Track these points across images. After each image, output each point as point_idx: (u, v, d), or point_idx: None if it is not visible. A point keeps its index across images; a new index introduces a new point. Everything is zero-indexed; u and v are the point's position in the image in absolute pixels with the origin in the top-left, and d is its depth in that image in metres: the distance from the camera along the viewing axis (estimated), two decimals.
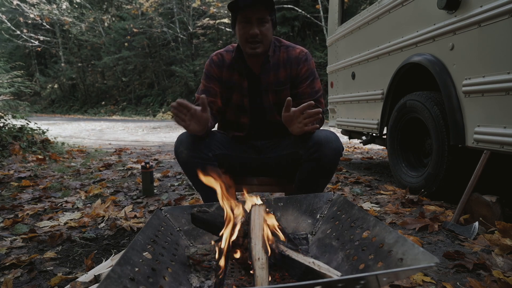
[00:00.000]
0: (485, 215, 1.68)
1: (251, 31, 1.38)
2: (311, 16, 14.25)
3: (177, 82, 18.34)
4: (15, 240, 1.68)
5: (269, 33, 1.43)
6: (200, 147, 1.40)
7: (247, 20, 1.38)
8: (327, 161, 1.33)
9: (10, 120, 4.59)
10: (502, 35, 1.62)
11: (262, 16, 1.38)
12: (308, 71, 1.50)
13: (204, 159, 1.40)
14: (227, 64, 1.53)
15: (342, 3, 3.63)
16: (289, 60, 1.51)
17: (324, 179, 1.42)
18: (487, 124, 1.74)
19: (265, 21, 1.39)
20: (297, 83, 1.51)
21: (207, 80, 1.54)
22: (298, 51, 1.53)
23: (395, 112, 2.56)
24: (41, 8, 19.32)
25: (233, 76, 1.53)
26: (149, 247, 0.91)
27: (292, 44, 1.56)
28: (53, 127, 9.31)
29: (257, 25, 1.38)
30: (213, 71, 1.53)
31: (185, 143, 1.41)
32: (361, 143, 3.89)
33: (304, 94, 1.49)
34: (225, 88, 1.54)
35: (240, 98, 1.54)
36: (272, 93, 1.52)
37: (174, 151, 1.45)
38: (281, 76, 1.51)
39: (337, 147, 1.34)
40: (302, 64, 1.50)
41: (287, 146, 1.49)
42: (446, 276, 1.24)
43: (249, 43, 1.41)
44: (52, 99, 24.40)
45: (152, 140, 7.16)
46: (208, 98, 1.47)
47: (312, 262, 0.90)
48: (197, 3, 16.23)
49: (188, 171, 1.44)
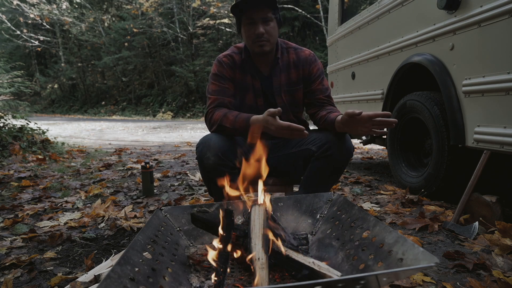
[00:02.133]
0: (485, 215, 1.68)
1: (256, 31, 1.41)
2: (311, 16, 14.26)
3: (177, 82, 18.34)
4: (15, 240, 1.68)
5: (275, 31, 1.46)
6: (227, 154, 1.37)
7: (252, 21, 1.41)
8: (339, 159, 1.36)
9: (10, 120, 4.59)
10: (502, 35, 1.62)
11: (265, 15, 1.41)
12: (319, 70, 1.57)
13: (231, 167, 1.37)
14: (238, 66, 1.54)
15: (342, 3, 3.63)
16: (299, 61, 1.55)
17: (334, 177, 1.44)
18: (487, 124, 1.74)
19: (269, 19, 1.42)
20: (310, 82, 1.56)
21: (221, 81, 1.52)
22: (307, 52, 1.59)
23: (395, 112, 2.56)
24: (41, 8, 19.31)
25: (246, 77, 1.54)
26: (149, 247, 0.91)
27: (299, 46, 1.61)
28: (53, 127, 9.31)
29: (261, 25, 1.41)
30: (225, 72, 1.52)
31: (213, 149, 1.36)
32: (361, 143, 3.89)
33: (317, 90, 1.55)
34: (238, 90, 1.55)
35: (253, 99, 1.55)
36: (285, 93, 1.55)
37: (199, 155, 1.39)
38: (293, 77, 1.55)
39: (349, 147, 1.38)
40: (313, 64, 1.56)
41: (297, 144, 1.51)
42: (446, 276, 1.24)
43: (256, 42, 1.43)
44: (52, 99, 24.40)
45: (152, 140, 7.16)
46: (226, 97, 1.49)
47: (312, 262, 0.90)
48: (197, 3, 16.22)
49: (211, 178, 1.40)
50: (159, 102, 18.42)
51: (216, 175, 1.35)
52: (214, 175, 1.36)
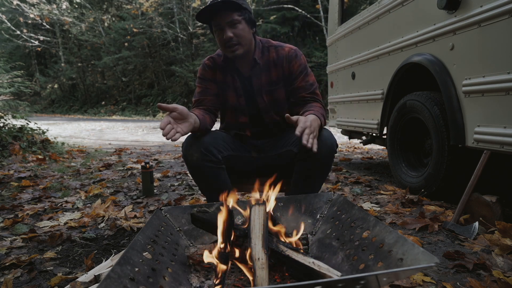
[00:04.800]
0: (485, 215, 1.68)
1: (224, 36, 1.40)
2: (311, 16, 14.25)
3: (177, 82, 18.34)
4: (15, 240, 1.68)
5: (245, 32, 1.42)
6: (210, 149, 1.38)
7: (219, 27, 1.41)
8: (321, 157, 1.33)
9: (10, 120, 4.59)
10: (502, 35, 1.62)
11: (230, 18, 1.38)
12: (300, 66, 1.52)
13: (215, 162, 1.39)
14: (219, 66, 1.56)
15: (342, 3, 3.63)
16: (279, 59, 1.52)
17: (320, 177, 1.41)
18: (487, 124, 1.74)
19: (236, 22, 1.39)
20: (291, 79, 1.53)
21: (203, 82, 1.57)
22: (287, 49, 1.54)
23: (395, 112, 2.56)
24: (41, 8, 19.30)
25: (226, 77, 1.56)
26: (149, 247, 0.91)
27: (281, 44, 1.57)
28: (53, 127, 9.31)
29: (228, 29, 1.39)
30: (206, 74, 1.57)
31: (196, 145, 1.38)
32: (361, 143, 3.89)
33: (300, 88, 1.52)
34: (221, 89, 1.57)
35: (235, 98, 1.57)
36: (266, 93, 1.55)
37: (183, 155, 1.42)
38: (273, 76, 1.54)
39: (331, 144, 1.34)
40: (294, 61, 1.51)
41: (283, 144, 1.50)
42: (446, 276, 1.24)
43: (227, 47, 1.43)
44: (52, 99, 24.40)
45: (152, 140, 7.16)
46: (207, 97, 1.53)
47: (312, 262, 0.90)
48: (197, 3, 16.21)
49: (198, 175, 1.42)
50: (159, 102, 18.41)
51: (202, 171, 1.38)
52: (200, 171, 1.39)
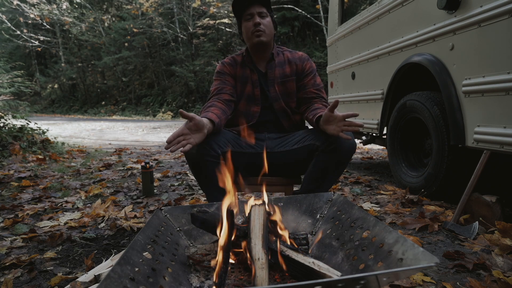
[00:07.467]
0: (485, 215, 1.68)
1: (254, 22, 1.58)
2: (311, 16, 14.25)
3: (177, 82, 18.33)
4: (15, 240, 1.68)
5: (271, 25, 1.63)
6: (210, 143, 1.40)
7: (250, 16, 1.60)
8: (343, 153, 1.40)
9: (10, 120, 4.59)
10: (502, 35, 1.62)
11: (261, 10, 1.60)
12: (311, 68, 1.72)
13: (214, 156, 1.41)
14: (239, 63, 1.73)
15: (342, 3, 3.63)
16: (293, 59, 1.72)
17: (335, 172, 1.47)
18: (487, 124, 1.74)
19: (265, 15, 1.61)
20: (302, 77, 1.70)
21: (222, 75, 1.69)
22: (300, 53, 1.77)
23: (395, 112, 2.56)
24: (41, 8, 19.30)
25: (245, 71, 1.71)
26: (149, 247, 0.91)
27: (293, 50, 1.79)
28: (53, 127, 9.31)
29: (259, 18, 1.59)
30: (226, 69, 1.71)
31: None
32: (361, 143, 3.89)
33: (308, 84, 1.67)
34: (239, 83, 1.70)
35: (252, 89, 1.69)
36: (278, 84, 1.69)
37: None
38: (287, 71, 1.70)
39: (353, 142, 1.43)
40: (306, 62, 1.72)
41: (300, 140, 1.54)
42: (446, 276, 1.24)
43: (254, 33, 1.59)
44: (52, 99, 24.38)
45: (152, 140, 7.16)
46: (226, 86, 1.65)
47: (312, 262, 0.90)
48: (197, 3, 16.22)
49: (197, 170, 1.44)
50: (159, 102, 18.42)
51: (201, 165, 1.41)
52: (200, 165, 1.41)
